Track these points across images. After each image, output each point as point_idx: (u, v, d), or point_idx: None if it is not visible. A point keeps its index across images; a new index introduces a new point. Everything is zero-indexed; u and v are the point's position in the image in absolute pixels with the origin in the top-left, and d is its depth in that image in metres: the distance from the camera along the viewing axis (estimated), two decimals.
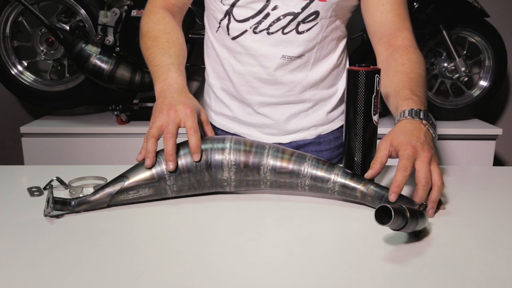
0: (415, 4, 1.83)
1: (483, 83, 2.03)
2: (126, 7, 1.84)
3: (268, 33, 1.01)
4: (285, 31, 1.00)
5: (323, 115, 1.11)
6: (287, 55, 1.02)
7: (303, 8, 0.98)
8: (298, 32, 1.00)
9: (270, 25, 1.00)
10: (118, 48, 1.87)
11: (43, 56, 1.96)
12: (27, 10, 1.83)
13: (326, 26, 1.02)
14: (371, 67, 0.85)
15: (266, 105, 1.07)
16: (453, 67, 1.96)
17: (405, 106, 0.87)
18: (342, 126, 1.21)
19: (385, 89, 0.96)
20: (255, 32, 1.01)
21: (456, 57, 1.91)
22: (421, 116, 0.85)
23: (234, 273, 0.61)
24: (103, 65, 1.83)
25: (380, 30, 1.02)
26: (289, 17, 0.99)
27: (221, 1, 1.01)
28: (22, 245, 0.68)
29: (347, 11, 1.05)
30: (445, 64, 1.99)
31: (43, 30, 1.92)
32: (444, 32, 1.89)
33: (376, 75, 0.84)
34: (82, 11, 1.88)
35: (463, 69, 1.92)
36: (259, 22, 1.00)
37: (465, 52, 1.99)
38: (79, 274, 0.60)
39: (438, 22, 1.85)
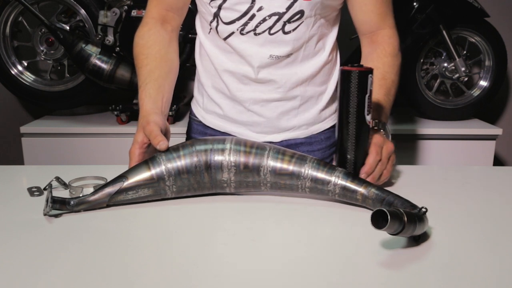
0: (415, 4, 1.83)
1: (483, 83, 2.02)
2: (126, 7, 1.84)
3: (255, 34, 1.02)
4: (272, 31, 1.01)
5: (315, 113, 1.11)
6: (275, 54, 1.03)
7: (288, 8, 0.99)
8: (285, 32, 1.01)
9: (257, 26, 1.01)
10: (118, 48, 1.87)
11: (43, 56, 1.96)
12: (27, 10, 1.83)
13: (312, 25, 1.03)
14: (364, 67, 0.84)
15: (257, 102, 1.08)
16: (453, 67, 1.96)
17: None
18: (334, 126, 1.21)
19: None
20: (242, 34, 1.02)
21: (456, 57, 1.91)
22: (380, 127, 0.97)
23: (234, 273, 0.61)
24: (103, 65, 1.83)
25: (363, 27, 1.09)
26: (275, 17, 1.00)
27: (209, 3, 1.02)
28: (22, 245, 0.68)
29: (332, 9, 1.05)
30: (445, 64, 1.99)
31: (43, 30, 1.92)
32: (444, 32, 1.88)
33: (369, 75, 0.84)
34: (82, 11, 1.88)
35: (463, 69, 1.92)
36: (245, 24, 1.01)
37: (465, 52, 1.99)
38: (79, 273, 0.60)
39: (438, 22, 1.85)
